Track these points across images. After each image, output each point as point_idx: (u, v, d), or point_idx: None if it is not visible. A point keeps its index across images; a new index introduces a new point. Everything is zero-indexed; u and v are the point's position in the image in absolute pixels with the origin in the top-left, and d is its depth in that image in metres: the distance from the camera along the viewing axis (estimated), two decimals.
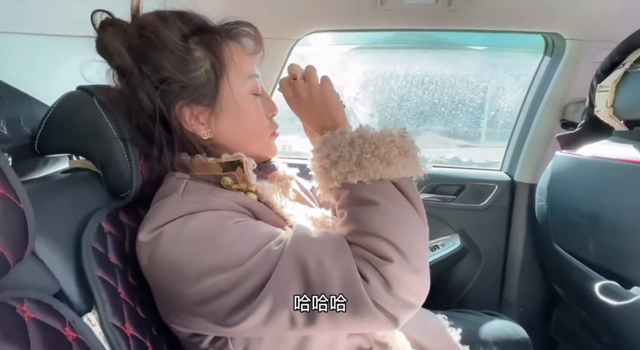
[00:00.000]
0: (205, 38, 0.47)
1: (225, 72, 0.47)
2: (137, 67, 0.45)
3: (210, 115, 0.47)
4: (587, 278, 0.77)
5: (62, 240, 0.40)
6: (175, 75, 0.45)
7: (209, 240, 0.38)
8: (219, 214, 0.41)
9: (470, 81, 1.21)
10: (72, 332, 0.33)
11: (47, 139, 0.52)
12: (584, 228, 0.78)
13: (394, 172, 0.41)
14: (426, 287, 0.40)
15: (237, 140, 0.50)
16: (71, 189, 0.48)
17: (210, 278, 0.37)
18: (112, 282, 0.42)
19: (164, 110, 0.46)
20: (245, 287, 0.36)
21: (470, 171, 1.20)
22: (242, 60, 0.48)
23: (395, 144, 0.42)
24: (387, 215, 0.39)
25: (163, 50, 0.44)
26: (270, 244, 0.39)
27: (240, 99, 0.48)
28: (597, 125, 0.80)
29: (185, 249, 0.38)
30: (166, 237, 0.39)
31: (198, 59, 0.46)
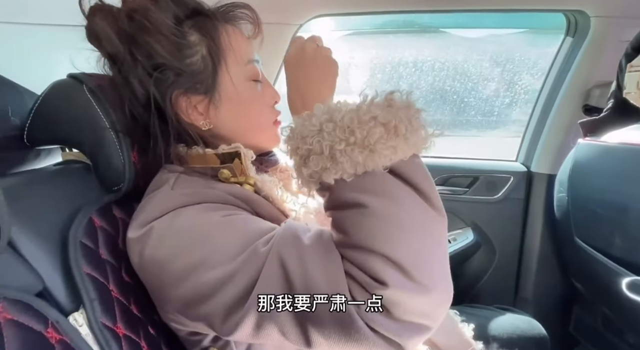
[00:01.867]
0: (200, 21, 0.44)
1: (223, 57, 0.44)
2: (128, 53, 0.42)
3: (209, 105, 0.44)
4: (612, 274, 0.72)
5: (48, 236, 0.38)
6: (170, 62, 0.42)
7: (195, 235, 0.36)
8: (210, 206, 0.38)
9: (484, 66, 1.14)
10: (55, 333, 0.31)
11: (36, 130, 0.49)
12: (610, 220, 0.73)
13: (381, 160, 0.31)
14: (442, 304, 0.32)
15: (238, 130, 0.47)
16: (60, 182, 0.46)
17: (194, 276, 0.34)
18: (103, 279, 0.40)
19: (159, 98, 0.43)
20: (231, 290, 0.33)
21: (484, 162, 1.14)
22: (240, 44, 0.45)
23: (377, 121, 0.31)
24: (379, 219, 0.30)
25: (156, 35, 0.41)
26: (257, 243, 0.34)
27: (240, 86, 0.45)
28: (626, 109, 0.74)
29: (172, 245, 0.36)
30: (155, 234, 0.37)
31: (193, 43, 0.43)
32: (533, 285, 1.09)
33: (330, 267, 0.31)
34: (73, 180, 0.48)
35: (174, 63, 0.42)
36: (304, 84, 0.42)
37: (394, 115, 0.31)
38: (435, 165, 1.11)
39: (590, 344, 0.96)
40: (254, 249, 0.33)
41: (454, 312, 0.69)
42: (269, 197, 0.44)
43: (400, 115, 0.32)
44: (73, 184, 0.47)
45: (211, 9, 0.46)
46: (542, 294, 1.09)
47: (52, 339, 0.30)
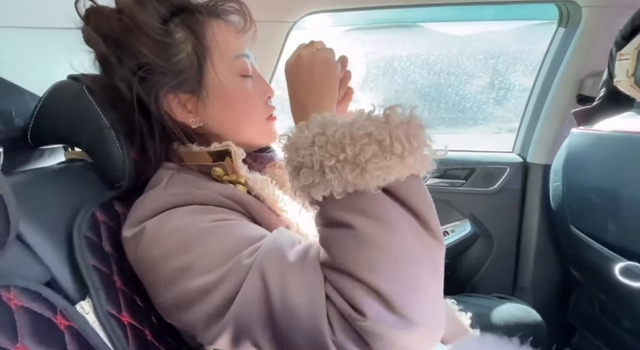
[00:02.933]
0: (186, 18, 0.44)
1: (208, 53, 0.43)
2: (113, 54, 0.43)
3: (198, 102, 0.45)
4: (606, 260, 0.73)
5: (54, 229, 0.39)
6: (154, 61, 0.42)
7: (183, 240, 0.35)
8: (200, 208, 0.38)
9: (477, 58, 1.15)
10: (64, 320, 0.33)
11: (39, 130, 0.51)
12: (603, 207, 0.74)
13: (373, 180, 0.29)
14: (429, 340, 0.29)
15: (229, 126, 0.47)
16: (64, 179, 0.48)
17: (180, 282, 0.34)
18: (107, 271, 0.42)
19: (144, 97, 0.43)
20: (213, 300, 0.32)
21: (480, 154, 1.15)
22: (227, 39, 0.45)
23: (372, 138, 0.29)
24: (366, 243, 0.28)
25: (140, 35, 0.42)
26: (242, 254, 0.33)
27: (227, 81, 0.44)
28: (617, 98, 0.74)
29: (162, 248, 0.36)
30: (147, 234, 0.38)
31: (179, 41, 0.43)
32: (531, 274, 1.10)
33: (311, 289, 0.29)
34: (76, 178, 0.50)
35: (159, 62, 0.42)
36: (303, 92, 0.41)
37: (391, 132, 0.29)
38: None
39: (588, 331, 0.97)
40: (238, 260, 0.32)
41: (452, 301, 0.71)
42: (260, 196, 0.43)
43: (397, 132, 0.29)
44: (76, 181, 0.49)
45: (198, 4, 0.45)
46: (540, 283, 1.10)
47: (61, 325, 0.32)
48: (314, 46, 0.42)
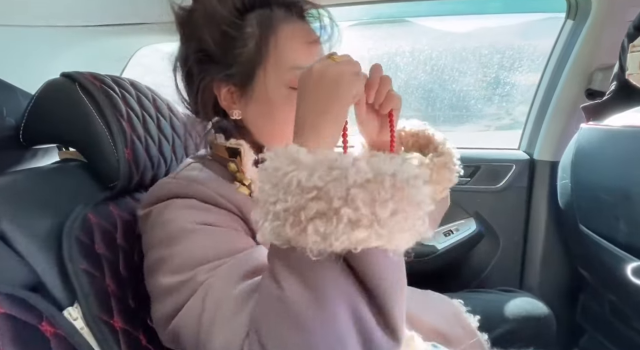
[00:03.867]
0: (261, 15, 0.43)
1: (265, 58, 0.42)
2: (182, 30, 0.44)
3: (242, 97, 0.45)
4: (617, 260, 0.71)
5: (42, 231, 0.38)
6: (213, 50, 0.42)
7: (168, 234, 0.37)
8: (196, 204, 0.39)
9: (482, 53, 1.12)
10: (50, 327, 0.32)
11: (31, 129, 0.50)
12: (614, 206, 0.71)
13: (312, 243, 0.24)
14: None
15: (263, 131, 0.46)
16: (56, 180, 0.47)
17: (156, 273, 0.35)
18: (99, 274, 0.40)
19: (195, 76, 0.44)
20: (168, 303, 0.33)
21: (485, 151, 1.12)
22: (289, 47, 0.42)
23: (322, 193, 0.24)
24: (288, 314, 0.25)
25: (209, 22, 0.42)
26: (202, 268, 0.33)
27: (274, 90, 0.43)
28: (629, 92, 0.71)
29: (154, 235, 0.38)
30: (151, 219, 0.40)
31: (247, 36, 0.42)
32: (538, 274, 1.08)
33: (232, 332, 0.27)
34: (69, 178, 0.49)
35: (217, 52, 0.43)
36: (304, 109, 0.34)
37: (346, 192, 0.23)
38: None
39: (598, 332, 0.94)
40: (196, 273, 0.33)
41: (459, 302, 0.69)
42: None
43: (354, 194, 0.23)
44: (69, 182, 0.48)
45: (281, 1, 0.44)
46: (548, 283, 1.07)
47: (47, 332, 0.31)
48: (333, 59, 0.35)
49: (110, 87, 0.52)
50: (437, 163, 0.48)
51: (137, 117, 0.55)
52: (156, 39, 0.98)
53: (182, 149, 0.67)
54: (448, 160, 0.49)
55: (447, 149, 0.50)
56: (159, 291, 0.35)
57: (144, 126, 0.56)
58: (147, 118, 0.58)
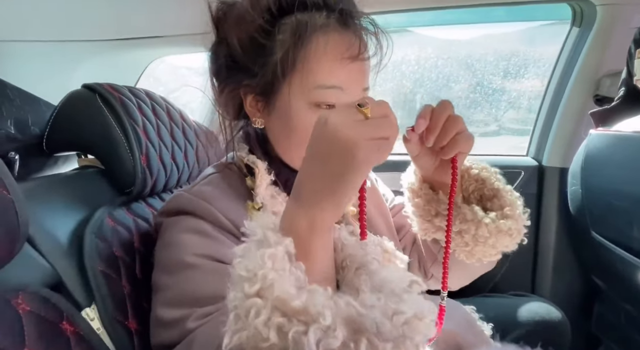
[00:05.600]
0: (298, 20, 0.38)
1: (291, 71, 0.38)
2: (216, 36, 0.42)
3: (265, 108, 0.42)
4: (631, 267, 0.69)
5: (64, 234, 0.40)
6: (240, 56, 0.40)
7: (169, 260, 0.37)
8: (204, 230, 0.38)
9: (488, 60, 1.13)
10: (69, 326, 0.33)
11: (54, 138, 0.53)
12: (626, 212, 0.70)
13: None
14: None
15: (281, 146, 0.44)
16: (76, 185, 0.49)
17: (154, 295, 0.37)
18: (116, 276, 0.42)
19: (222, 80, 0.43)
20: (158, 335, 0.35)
21: (493, 158, 1.12)
22: (318, 63, 0.38)
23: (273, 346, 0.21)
24: None
25: (239, 26, 0.39)
26: (196, 312, 0.33)
27: (296, 107, 0.39)
28: (637, 97, 0.71)
29: (158, 255, 0.39)
30: (161, 232, 0.41)
31: (277, 44, 0.39)
32: (550, 283, 1.06)
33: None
34: (88, 184, 0.51)
35: (244, 59, 0.40)
36: (307, 166, 0.28)
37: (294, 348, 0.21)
38: None
39: (614, 343, 0.91)
40: (188, 316, 0.32)
41: (471, 308, 0.68)
42: None
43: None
44: (88, 188, 0.50)
45: (323, 9, 0.39)
46: (560, 293, 1.05)
47: (67, 330, 0.32)
48: (362, 111, 0.27)
49: (127, 97, 0.55)
50: (499, 227, 0.41)
51: (151, 126, 0.57)
52: (168, 51, 1.02)
53: (194, 156, 0.69)
54: (512, 227, 0.41)
55: (517, 214, 0.42)
56: (154, 317, 0.36)
57: (158, 134, 0.58)
58: (161, 126, 0.60)
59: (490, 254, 0.44)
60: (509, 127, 1.10)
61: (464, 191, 0.47)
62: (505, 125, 1.16)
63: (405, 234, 0.58)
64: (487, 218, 0.42)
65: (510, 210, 0.42)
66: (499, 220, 0.42)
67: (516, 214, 0.42)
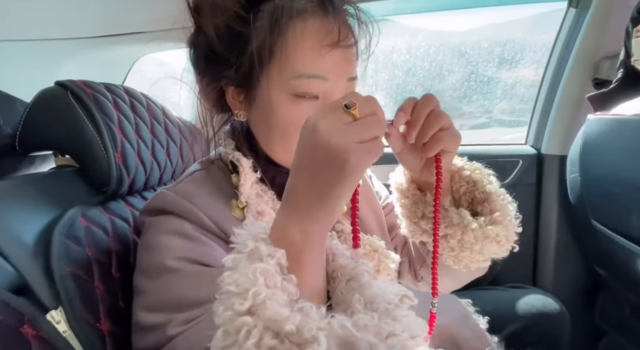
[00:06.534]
0: (276, 5, 0.37)
1: (269, 60, 0.37)
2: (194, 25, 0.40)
3: (246, 99, 0.41)
4: (633, 256, 0.67)
5: (31, 236, 0.39)
6: (217, 46, 0.38)
7: (150, 263, 0.37)
8: (186, 231, 0.37)
9: (482, 47, 1.09)
10: (32, 330, 0.32)
11: (26, 137, 0.51)
12: (626, 198, 0.67)
13: None
14: None
15: (263, 140, 0.42)
16: (48, 185, 0.47)
17: (135, 298, 0.36)
18: (87, 277, 0.40)
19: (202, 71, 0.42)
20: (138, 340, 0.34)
21: (490, 147, 1.09)
22: (297, 51, 0.36)
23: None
24: None
25: (215, 14, 0.37)
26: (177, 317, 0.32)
27: (276, 97, 0.38)
28: (636, 78, 0.68)
29: (139, 257, 0.38)
30: (144, 230, 0.40)
31: (254, 32, 0.37)
32: (552, 274, 1.03)
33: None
34: (62, 184, 0.49)
35: (221, 49, 0.39)
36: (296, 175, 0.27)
37: None
38: None
39: (618, 334, 0.89)
40: (169, 321, 0.32)
41: (467, 302, 0.66)
42: None
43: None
44: (61, 187, 0.49)
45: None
46: (562, 284, 1.02)
47: (27, 334, 0.31)
48: (351, 113, 0.26)
49: (101, 93, 0.53)
50: (486, 233, 0.39)
51: (129, 122, 0.55)
52: (155, 48, 1.00)
53: (177, 153, 0.67)
54: (501, 233, 0.39)
55: (507, 220, 0.40)
56: (135, 321, 0.35)
57: (136, 131, 0.56)
58: (140, 123, 0.59)
59: (477, 260, 0.42)
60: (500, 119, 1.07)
61: (454, 193, 0.45)
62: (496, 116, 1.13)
63: (397, 233, 0.56)
64: (474, 223, 0.39)
65: (501, 216, 0.40)
66: (487, 226, 0.39)
67: (506, 220, 0.40)
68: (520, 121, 1.09)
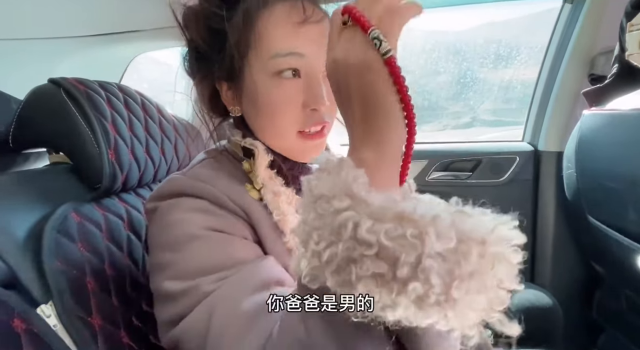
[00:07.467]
0: (245, 1, 0.39)
1: (248, 49, 0.39)
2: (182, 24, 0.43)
3: (237, 94, 0.43)
4: (629, 251, 0.67)
5: (22, 231, 0.39)
6: (202, 47, 0.41)
7: (175, 238, 0.36)
8: (205, 206, 0.37)
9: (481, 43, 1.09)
10: (21, 323, 0.32)
11: (19, 134, 0.51)
12: (621, 193, 0.67)
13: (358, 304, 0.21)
14: None
15: (258, 129, 0.43)
16: (41, 182, 0.48)
17: (159, 276, 0.35)
18: (78, 272, 0.41)
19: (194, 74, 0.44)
20: (170, 310, 0.33)
21: (487, 144, 1.09)
22: (270, 32, 0.38)
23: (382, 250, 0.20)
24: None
25: (198, 16, 0.41)
26: (209, 277, 0.32)
27: (259, 81, 0.39)
28: (631, 73, 0.68)
29: (159, 237, 0.37)
30: (157, 216, 0.39)
31: (233, 27, 0.39)
32: (550, 270, 1.03)
33: (245, 344, 0.26)
34: (54, 180, 0.50)
35: (206, 49, 0.41)
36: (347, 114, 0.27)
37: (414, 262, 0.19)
38: (435, 150, 1.08)
39: (617, 329, 0.89)
40: (201, 282, 0.32)
41: None
42: (270, 208, 0.40)
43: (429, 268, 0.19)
44: (54, 184, 0.49)
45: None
46: (560, 280, 1.02)
47: (17, 328, 0.31)
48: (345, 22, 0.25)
49: (95, 90, 0.53)
50: None
51: (122, 119, 0.56)
52: (151, 46, 1.00)
53: (172, 150, 0.67)
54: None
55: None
56: (161, 294, 0.35)
57: (129, 128, 0.57)
58: (134, 120, 0.59)
59: None
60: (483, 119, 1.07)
61: None
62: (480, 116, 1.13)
63: None
64: None
65: None
66: None
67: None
68: (502, 121, 1.09)
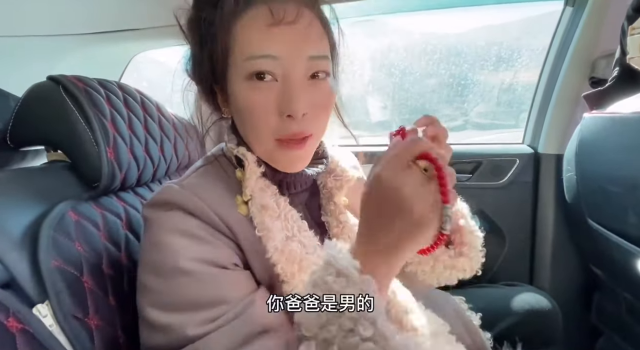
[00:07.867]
0: (229, 3, 0.39)
1: (228, 52, 0.39)
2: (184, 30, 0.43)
3: (223, 97, 0.43)
4: (629, 255, 0.67)
5: (18, 229, 0.38)
6: (195, 51, 0.42)
7: (159, 263, 0.36)
8: (194, 229, 0.37)
9: (479, 45, 1.09)
10: (16, 323, 0.31)
11: (18, 131, 0.51)
12: (622, 197, 0.67)
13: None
14: None
15: (243, 134, 0.43)
16: (38, 180, 0.47)
17: (142, 297, 0.36)
18: (75, 272, 0.40)
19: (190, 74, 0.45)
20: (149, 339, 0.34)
21: (487, 146, 1.09)
22: (245, 36, 0.38)
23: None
24: None
25: (194, 21, 0.41)
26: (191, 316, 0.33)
27: (236, 84, 0.39)
28: (632, 76, 0.68)
29: (146, 254, 0.37)
30: (147, 227, 0.38)
31: (215, 32, 0.40)
32: (549, 273, 1.03)
33: None
34: (52, 179, 0.49)
35: (197, 53, 0.42)
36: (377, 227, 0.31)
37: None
38: None
39: (615, 333, 0.89)
40: (185, 323, 0.32)
41: (460, 299, 0.66)
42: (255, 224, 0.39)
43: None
44: (52, 182, 0.48)
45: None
46: (559, 283, 1.02)
47: (12, 328, 0.31)
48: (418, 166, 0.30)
49: (94, 88, 0.53)
50: (455, 264, 0.44)
51: (122, 118, 0.55)
52: (151, 45, 1.00)
53: (171, 149, 0.67)
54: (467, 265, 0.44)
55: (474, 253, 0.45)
56: (144, 319, 0.35)
57: (129, 127, 0.56)
58: (134, 119, 0.58)
59: (446, 279, 0.46)
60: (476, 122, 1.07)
61: None
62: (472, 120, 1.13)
63: None
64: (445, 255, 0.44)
65: (468, 250, 0.44)
66: (456, 257, 0.44)
67: (472, 253, 0.45)
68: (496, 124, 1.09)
